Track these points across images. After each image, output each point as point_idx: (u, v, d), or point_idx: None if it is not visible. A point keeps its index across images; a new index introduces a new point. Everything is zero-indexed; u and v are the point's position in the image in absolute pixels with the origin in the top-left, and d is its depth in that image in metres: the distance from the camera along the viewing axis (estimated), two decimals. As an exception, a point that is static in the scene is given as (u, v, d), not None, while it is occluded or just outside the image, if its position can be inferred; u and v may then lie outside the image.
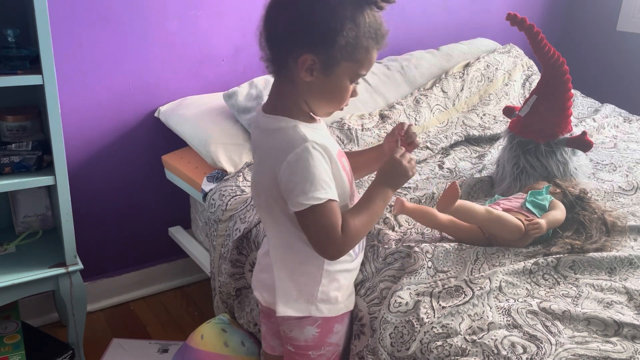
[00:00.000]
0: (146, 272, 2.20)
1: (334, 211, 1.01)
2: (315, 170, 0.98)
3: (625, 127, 2.25)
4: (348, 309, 1.16)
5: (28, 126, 1.69)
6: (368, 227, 1.09)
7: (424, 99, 2.11)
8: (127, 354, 1.87)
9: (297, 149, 0.98)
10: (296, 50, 0.97)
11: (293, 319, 1.12)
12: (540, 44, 1.55)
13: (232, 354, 1.46)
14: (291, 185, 0.99)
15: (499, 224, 1.29)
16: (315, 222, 1.00)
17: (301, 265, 1.10)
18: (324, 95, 1.03)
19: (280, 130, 1.02)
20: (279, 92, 1.06)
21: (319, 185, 0.98)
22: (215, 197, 1.62)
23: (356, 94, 1.07)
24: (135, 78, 1.95)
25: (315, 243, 1.03)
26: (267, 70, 1.05)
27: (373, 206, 1.07)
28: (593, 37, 2.95)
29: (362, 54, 0.99)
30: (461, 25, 2.69)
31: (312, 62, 0.97)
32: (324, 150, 1.00)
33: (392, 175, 1.09)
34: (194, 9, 1.98)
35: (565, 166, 1.59)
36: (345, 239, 1.02)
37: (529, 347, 1.01)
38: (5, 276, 1.58)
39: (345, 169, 1.09)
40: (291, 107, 1.04)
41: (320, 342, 1.14)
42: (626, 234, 1.38)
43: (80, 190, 1.93)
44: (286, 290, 1.11)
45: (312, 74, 0.98)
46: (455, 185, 1.23)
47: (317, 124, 1.07)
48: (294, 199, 0.99)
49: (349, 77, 1.01)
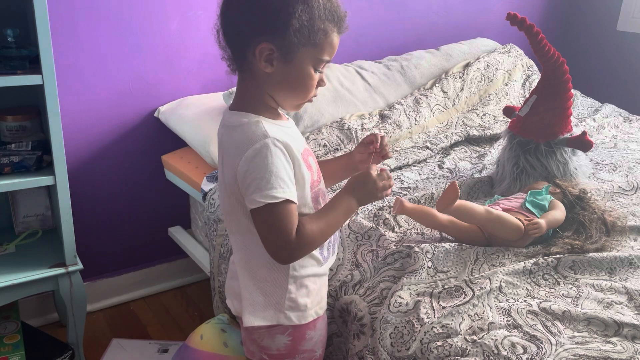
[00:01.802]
0: (146, 272, 2.20)
1: (290, 213, 0.96)
2: (274, 167, 0.95)
3: (625, 127, 2.25)
4: (318, 315, 1.12)
5: (28, 126, 1.69)
6: (326, 236, 1.04)
7: (424, 99, 2.11)
8: (127, 354, 1.87)
9: (256, 145, 0.95)
10: (252, 41, 0.96)
11: (263, 328, 1.09)
12: (540, 44, 1.55)
13: (232, 354, 1.46)
14: (247, 181, 0.96)
15: (498, 223, 1.29)
16: (268, 222, 0.96)
17: (266, 271, 1.06)
18: (287, 85, 1.00)
19: (243, 125, 1.00)
20: (243, 89, 1.04)
21: (276, 184, 0.94)
22: (215, 197, 1.62)
23: (324, 83, 1.04)
24: (135, 78, 1.95)
25: (266, 244, 0.99)
26: (230, 69, 1.04)
27: (334, 215, 1.03)
28: (593, 37, 2.95)
29: (321, 37, 0.97)
30: (461, 25, 2.69)
31: (270, 50, 0.95)
32: (286, 148, 0.97)
33: (361, 190, 1.04)
34: (194, 9, 1.98)
35: (565, 166, 1.59)
36: (299, 243, 0.98)
37: (529, 347, 1.01)
38: (5, 276, 1.57)
39: (310, 169, 1.05)
40: (255, 103, 1.02)
41: (293, 350, 1.11)
42: (626, 234, 1.38)
43: (80, 190, 1.93)
44: (253, 299, 1.07)
45: (273, 64, 0.97)
46: (455, 185, 1.23)
47: (283, 121, 1.05)
48: (250, 196, 0.95)
49: (311, 63, 0.99)
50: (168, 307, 2.16)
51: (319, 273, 1.11)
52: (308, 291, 1.09)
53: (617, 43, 2.85)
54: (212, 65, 2.08)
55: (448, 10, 2.63)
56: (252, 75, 1.01)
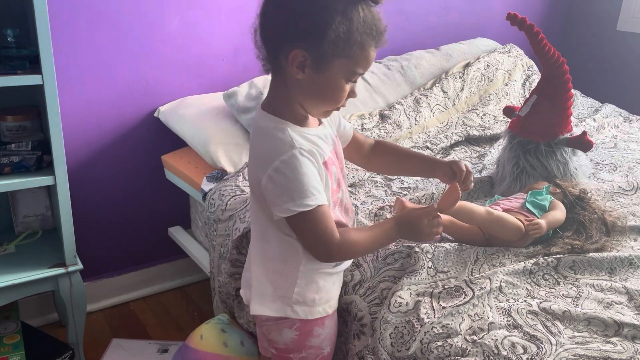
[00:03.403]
0: (146, 272, 2.20)
1: (326, 215, 1.01)
2: (304, 177, 0.97)
3: (625, 127, 2.25)
4: (326, 313, 1.13)
5: (28, 126, 1.69)
6: (364, 250, 1.11)
7: (424, 99, 2.11)
8: (127, 354, 1.87)
9: (283, 156, 0.97)
10: (287, 46, 0.95)
11: (271, 320, 1.11)
12: (540, 44, 1.55)
13: (232, 354, 1.46)
14: (278, 192, 0.98)
15: (499, 224, 1.29)
16: (305, 227, 1.01)
17: (279, 263, 1.09)
18: (316, 93, 1.00)
19: (268, 130, 1.01)
20: (274, 90, 1.05)
21: (308, 192, 0.97)
22: (214, 197, 1.62)
23: (354, 95, 1.03)
24: (135, 78, 1.95)
25: (306, 246, 1.04)
26: (264, 69, 1.04)
27: (377, 237, 1.08)
28: (593, 37, 2.95)
29: (357, 51, 0.95)
30: (461, 25, 2.69)
31: (303, 57, 0.95)
32: (312, 156, 0.99)
33: (410, 229, 1.08)
34: (194, 9, 1.98)
35: (565, 166, 1.59)
36: (339, 245, 1.02)
37: (529, 348, 1.01)
38: (5, 276, 1.57)
39: (332, 178, 1.06)
40: (283, 108, 1.02)
41: (300, 345, 1.12)
42: (626, 234, 1.38)
43: (80, 190, 1.93)
44: (262, 288, 1.10)
45: (304, 71, 0.96)
46: (456, 187, 1.22)
47: (311, 129, 1.05)
48: (282, 206, 0.98)
49: (343, 75, 0.97)
50: (168, 307, 2.16)
51: (330, 272, 1.13)
52: (318, 287, 1.10)
53: (617, 43, 2.85)
54: (212, 65, 2.08)
55: (448, 10, 2.63)
56: (284, 78, 1.01)
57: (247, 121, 1.81)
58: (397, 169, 1.31)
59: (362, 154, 1.27)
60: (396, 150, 1.27)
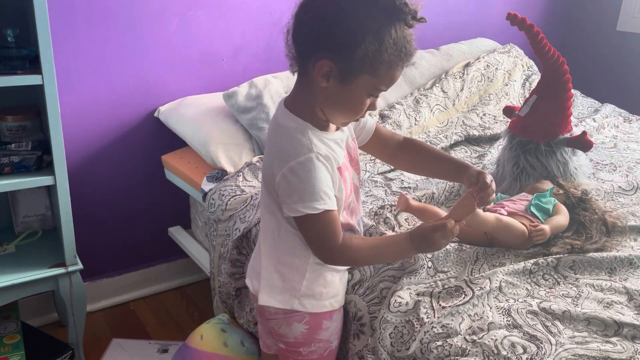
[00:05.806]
0: (146, 272, 2.20)
1: (330, 220, 1.02)
2: (317, 182, 0.99)
3: (625, 127, 2.25)
4: (333, 308, 1.15)
5: (28, 126, 1.69)
6: (369, 260, 1.13)
7: (424, 99, 2.11)
8: (127, 354, 1.87)
9: (300, 158, 0.99)
10: (316, 54, 0.97)
11: (280, 314, 1.13)
12: (540, 44, 1.55)
13: (232, 354, 1.46)
14: (290, 191, 1.00)
15: (506, 230, 1.28)
16: (311, 229, 1.03)
17: (289, 257, 1.10)
18: (338, 104, 1.02)
19: (289, 129, 1.03)
20: (298, 91, 1.06)
21: (318, 196, 0.99)
22: (215, 197, 1.62)
23: (374, 108, 1.05)
24: (135, 78, 1.95)
25: (311, 246, 1.07)
26: (290, 69, 1.05)
27: (383, 247, 1.09)
28: (593, 37, 2.95)
29: (383, 70, 0.97)
30: (461, 25, 2.69)
31: (329, 68, 0.96)
32: (328, 162, 1.01)
33: (424, 242, 1.06)
34: (194, 9, 1.98)
35: (565, 166, 1.59)
36: (340, 251, 1.04)
37: (529, 347, 1.01)
38: (5, 276, 1.58)
39: (345, 183, 1.08)
40: (305, 109, 1.04)
41: (309, 338, 1.14)
42: (626, 234, 1.38)
43: (80, 190, 1.93)
44: (271, 280, 1.12)
45: (328, 81, 0.98)
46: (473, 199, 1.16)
47: (327, 133, 1.06)
48: (292, 205, 1.01)
49: (366, 90, 0.99)
50: (168, 307, 2.16)
51: (338, 268, 1.15)
52: (325, 281, 1.13)
53: (617, 43, 2.85)
54: (212, 65, 2.08)
55: (448, 10, 2.63)
56: (309, 82, 1.02)
57: (247, 121, 1.81)
58: (423, 169, 1.29)
59: (388, 150, 1.27)
60: (426, 150, 1.26)
